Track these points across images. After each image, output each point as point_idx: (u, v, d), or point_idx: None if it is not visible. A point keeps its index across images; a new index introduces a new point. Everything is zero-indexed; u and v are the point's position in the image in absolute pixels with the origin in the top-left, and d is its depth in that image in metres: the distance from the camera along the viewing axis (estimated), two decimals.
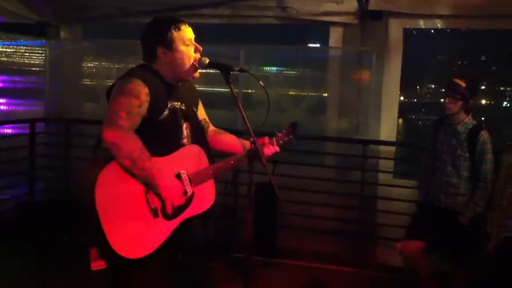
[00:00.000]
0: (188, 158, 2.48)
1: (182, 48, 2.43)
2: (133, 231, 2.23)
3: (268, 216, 4.99)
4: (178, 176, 2.40)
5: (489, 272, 2.74)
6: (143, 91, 2.28)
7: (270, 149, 2.76)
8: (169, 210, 2.35)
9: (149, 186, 2.26)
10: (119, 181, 2.20)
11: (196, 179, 2.48)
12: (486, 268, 2.79)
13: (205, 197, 2.57)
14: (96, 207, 2.11)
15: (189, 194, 2.43)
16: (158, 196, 2.30)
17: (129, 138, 2.19)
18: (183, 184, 2.39)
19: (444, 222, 3.66)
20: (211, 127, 2.84)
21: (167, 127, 2.42)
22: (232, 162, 2.68)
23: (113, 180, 2.18)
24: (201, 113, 2.77)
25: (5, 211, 5.32)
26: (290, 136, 2.88)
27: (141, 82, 2.29)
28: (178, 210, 2.41)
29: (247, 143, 2.72)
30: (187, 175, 2.43)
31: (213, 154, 2.67)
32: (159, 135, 2.37)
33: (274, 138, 2.81)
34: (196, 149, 2.54)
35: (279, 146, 2.82)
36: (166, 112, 2.39)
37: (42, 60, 6.13)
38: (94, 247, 2.33)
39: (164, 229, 2.35)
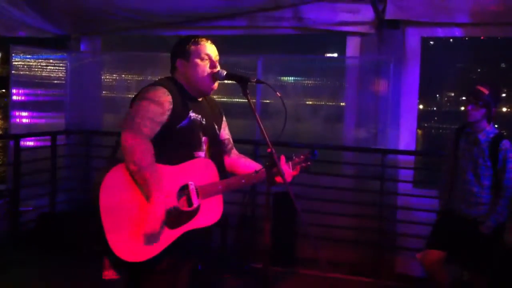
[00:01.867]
0: (198, 170, 2.49)
1: (197, 61, 2.53)
2: (134, 234, 2.25)
3: (287, 225, 4.99)
4: (186, 186, 2.42)
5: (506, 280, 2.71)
6: (166, 99, 2.38)
7: (289, 172, 2.71)
8: (146, 230, 2.29)
9: (146, 196, 2.28)
10: (125, 184, 2.25)
11: (204, 192, 2.48)
12: (504, 276, 2.76)
13: (212, 212, 2.55)
14: (100, 208, 2.17)
15: (195, 206, 2.42)
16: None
17: (146, 146, 2.26)
18: (189, 196, 2.40)
19: (465, 231, 3.62)
20: (234, 150, 2.84)
21: (185, 136, 2.46)
22: (243, 181, 2.64)
23: (118, 183, 2.23)
24: (225, 132, 2.79)
25: (28, 222, 5.40)
26: (308, 163, 2.83)
27: (165, 90, 2.40)
28: (182, 220, 2.40)
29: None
30: (195, 186, 2.45)
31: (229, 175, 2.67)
32: (176, 143, 2.43)
33: (290, 162, 2.76)
34: (207, 162, 2.55)
35: (293, 168, 2.76)
36: (185, 121, 2.45)
37: (63, 72, 6.23)
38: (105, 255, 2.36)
39: (165, 237, 2.35)
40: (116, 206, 2.21)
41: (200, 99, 2.60)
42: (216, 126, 2.69)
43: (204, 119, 2.56)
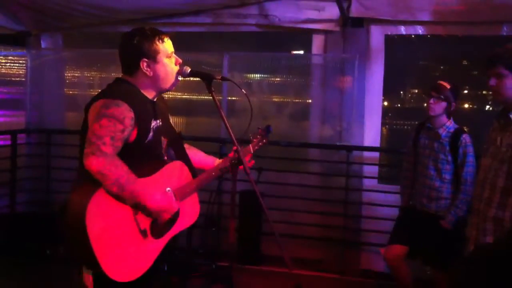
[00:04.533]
0: (172, 175, 2.47)
1: (166, 60, 2.40)
2: (125, 255, 2.21)
3: (253, 223, 4.99)
4: None
5: (469, 278, 2.75)
6: (128, 116, 2.23)
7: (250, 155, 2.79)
8: (162, 222, 2.34)
9: (139, 207, 2.24)
10: (109, 207, 2.17)
11: (181, 194, 2.47)
12: (465, 274, 2.80)
13: (191, 211, 2.58)
14: (89, 238, 2.07)
15: (175, 210, 2.42)
16: (149, 215, 2.28)
17: (114, 164, 2.14)
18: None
19: (427, 226, 3.68)
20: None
21: (152, 147, 2.40)
22: (213, 173, 2.68)
23: (103, 207, 2.14)
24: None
25: None
26: (264, 140, 2.94)
27: (127, 106, 2.23)
28: (166, 228, 2.40)
29: (214, 159, 2.78)
30: (172, 191, 2.43)
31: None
32: (144, 157, 2.36)
33: (250, 145, 2.84)
34: (178, 164, 2.53)
35: (254, 151, 2.87)
36: (151, 134, 2.36)
37: (23, 70, 6.07)
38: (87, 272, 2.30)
39: (154, 248, 2.35)
40: (105, 231, 2.13)
41: (155, 99, 2.49)
42: (170, 121, 2.64)
43: (161, 121, 2.48)
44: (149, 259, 2.32)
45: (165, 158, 2.50)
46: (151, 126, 2.37)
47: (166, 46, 2.41)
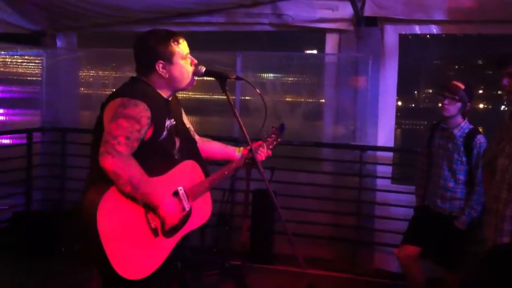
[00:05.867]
0: (184, 174, 2.48)
1: (181, 62, 2.41)
2: (135, 252, 2.23)
3: (265, 222, 4.99)
4: (176, 193, 2.41)
5: (483, 278, 2.73)
6: (145, 115, 2.25)
7: (264, 153, 2.79)
8: (167, 228, 2.35)
9: (149, 208, 2.27)
10: (120, 205, 2.19)
11: (193, 193, 2.49)
12: (480, 274, 2.78)
13: (203, 210, 2.59)
14: (99, 234, 2.10)
15: (187, 210, 2.44)
16: (159, 216, 2.31)
17: (128, 164, 2.17)
18: (181, 202, 2.41)
19: (440, 227, 3.66)
20: (196, 136, 2.80)
21: (165, 146, 2.41)
22: (226, 172, 2.70)
23: (114, 205, 2.17)
24: (186, 121, 2.74)
25: (2, 221, 5.29)
26: (279, 139, 2.92)
27: (144, 105, 2.25)
28: (178, 227, 2.42)
29: (234, 149, 2.79)
30: (184, 191, 2.44)
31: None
32: (157, 155, 2.37)
33: (264, 143, 2.84)
34: (190, 164, 2.55)
35: (271, 150, 2.86)
36: (165, 133, 2.37)
37: (38, 69, 6.13)
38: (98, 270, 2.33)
39: (165, 247, 2.36)
40: (115, 229, 2.16)
41: (170, 98, 2.50)
42: (183, 120, 2.65)
43: (174, 120, 2.49)
44: (160, 257, 2.33)
45: (178, 157, 2.51)
46: (166, 125, 2.39)
47: (182, 47, 2.42)
